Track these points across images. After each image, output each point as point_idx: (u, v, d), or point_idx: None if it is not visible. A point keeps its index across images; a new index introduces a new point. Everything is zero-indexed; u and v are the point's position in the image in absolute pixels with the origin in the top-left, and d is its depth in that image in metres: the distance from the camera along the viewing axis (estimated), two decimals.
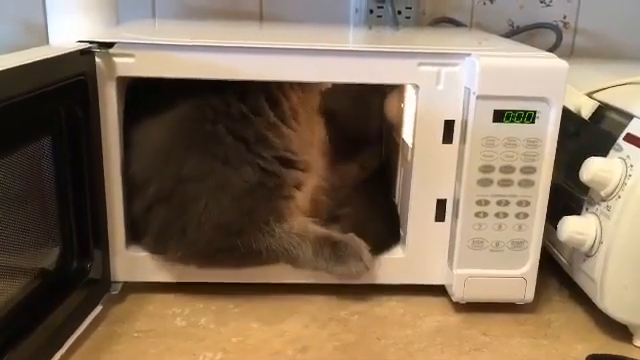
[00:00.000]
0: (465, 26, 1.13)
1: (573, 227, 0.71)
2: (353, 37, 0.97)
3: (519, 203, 0.73)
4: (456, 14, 1.13)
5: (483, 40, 0.90)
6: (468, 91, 0.71)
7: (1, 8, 1.10)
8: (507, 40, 0.97)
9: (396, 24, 1.06)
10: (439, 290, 0.80)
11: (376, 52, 0.72)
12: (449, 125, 0.74)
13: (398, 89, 0.87)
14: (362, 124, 0.94)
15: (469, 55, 0.71)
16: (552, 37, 1.10)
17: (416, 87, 0.73)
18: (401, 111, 0.86)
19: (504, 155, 0.72)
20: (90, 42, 0.69)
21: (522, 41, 1.03)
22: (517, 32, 1.12)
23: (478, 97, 0.69)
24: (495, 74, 0.69)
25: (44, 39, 1.02)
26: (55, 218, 0.68)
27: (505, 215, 0.74)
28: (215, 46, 0.71)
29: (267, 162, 0.73)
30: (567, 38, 1.13)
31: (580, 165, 0.71)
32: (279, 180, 0.74)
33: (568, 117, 0.73)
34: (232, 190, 0.72)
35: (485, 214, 0.74)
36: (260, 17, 1.13)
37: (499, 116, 0.70)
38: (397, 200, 0.87)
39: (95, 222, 0.71)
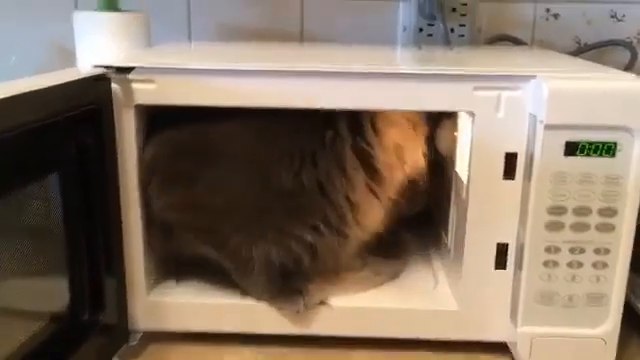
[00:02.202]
0: (526, 44, 1.02)
1: None
2: (400, 58, 0.89)
3: (597, 251, 0.62)
4: (516, 31, 1.03)
5: (548, 59, 0.80)
6: (534, 119, 0.61)
7: (37, 30, 1.06)
8: (576, 59, 0.86)
9: (448, 43, 0.96)
10: (499, 348, 0.69)
11: (424, 75, 0.63)
12: (511, 158, 0.64)
13: (451, 116, 0.78)
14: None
15: (534, 77, 0.61)
16: (625, 56, 0.99)
17: (472, 115, 0.64)
18: (454, 141, 0.76)
19: (578, 194, 0.61)
20: (106, 67, 0.62)
21: (591, 60, 0.92)
22: (585, 50, 1.01)
23: (547, 127, 0.59)
24: (567, 99, 0.59)
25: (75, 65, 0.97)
26: (64, 260, 0.61)
27: (580, 265, 0.63)
28: (242, 70, 0.63)
29: None
30: None
31: None
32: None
33: None
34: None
35: (555, 263, 0.63)
36: (301, 37, 1.06)
37: (572, 149, 0.60)
38: (449, 243, 0.76)
39: (109, 265, 0.64)
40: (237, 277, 0.71)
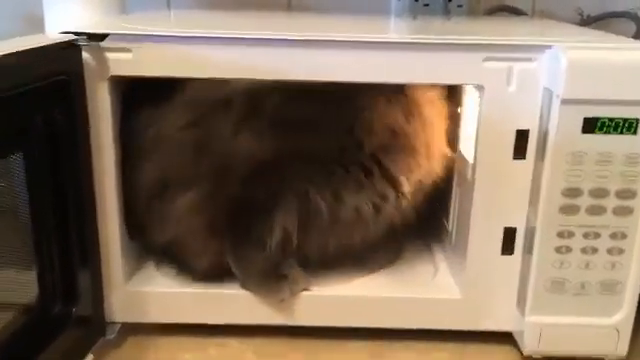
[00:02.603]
0: (526, 15, 0.97)
1: None
2: (395, 28, 0.82)
3: (613, 236, 0.58)
4: (516, 1, 0.97)
5: (557, 29, 0.75)
6: (549, 93, 0.56)
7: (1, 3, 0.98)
8: (588, 29, 0.81)
9: (447, 13, 0.91)
10: (504, 338, 0.65)
11: (427, 44, 0.57)
12: (522, 136, 0.59)
13: (453, 90, 0.72)
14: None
15: (550, 48, 0.56)
16: (630, 27, 0.94)
17: (480, 88, 0.58)
18: (457, 118, 0.71)
19: (595, 175, 0.56)
20: (76, 33, 0.55)
21: None
22: (588, 22, 0.96)
23: (564, 101, 0.54)
24: (586, 71, 0.54)
25: None
26: (31, 247, 0.55)
27: (594, 250, 0.58)
28: (231, 37, 0.57)
29: None
30: None
31: None
32: None
33: None
34: None
35: (569, 249, 0.58)
36: (288, 6, 0.99)
37: (590, 125, 0.55)
38: (451, 227, 0.72)
39: (83, 252, 0.58)
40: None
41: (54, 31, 0.76)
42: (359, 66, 0.58)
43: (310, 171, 0.63)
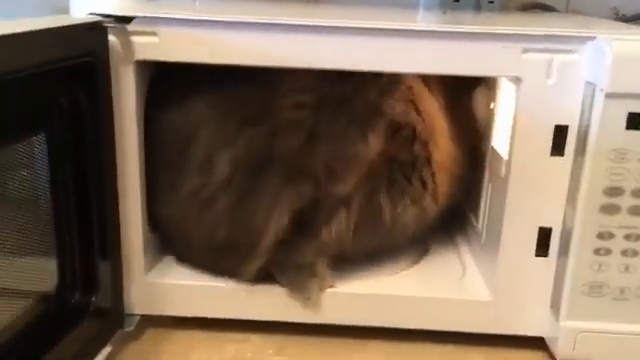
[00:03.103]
0: (558, 12, 0.94)
1: None
2: (427, 20, 0.80)
3: None
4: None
5: (595, 24, 0.72)
6: (592, 87, 0.53)
7: None
8: (628, 25, 0.78)
9: (478, 8, 0.88)
10: (535, 343, 0.62)
11: (463, 33, 0.55)
12: (561, 132, 0.56)
13: (487, 83, 0.70)
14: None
15: (593, 39, 0.53)
16: None
17: (517, 81, 0.56)
18: (490, 112, 0.68)
19: (639, 173, 0.54)
20: (103, 15, 0.54)
21: None
22: (624, 21, 0.93)
23: (608, 95, 0.52)
24: (632, 65, 0.51)
25: None
26: (52, 236, 0.54)
27: (635, 253, 0.56)
28: (260, 24, 0.55)
29: None
30: None
31: None
32: None
33: None
34: None
35: (608, 251, 0.56)
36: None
37: (635, 121, 0.52)
38: (480, 226, 0.69)
39: (103, 242, 0.57)
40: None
41: (77, 13, 0.76)
42: (395, 55, 0.56)
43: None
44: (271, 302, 0.63)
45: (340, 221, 0.60)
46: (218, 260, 0.62)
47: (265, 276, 0.62)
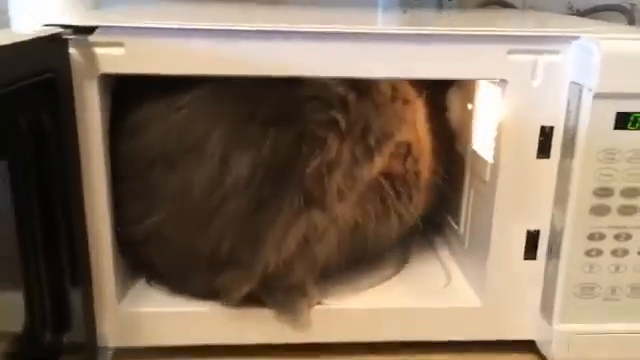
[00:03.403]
0: (517, 8, 0.94)
1: None
2: (391, 22, 0.78)
3: None
4: None
5: (565, 21, 0.72)
6: (578, 88, 0.53)
7: None
8: (600, 22, 0.78)
9: (440, 6, 0.87)
10: (525, 346, 0.62)
11: (449, 35, 0.53)
12: (547, 134, 0.55)
13: (460, 84, 0.68)
14: None
15: (577, 39, 0.53)
16: (620, 21, 0.92)
17: (503, 83, 0.55)
18: (468, 114, 0.67)
19: (627, 173, 0.53)
20: (62, 26, 0.49)
21: None
22: (579, 16, 0.94)
23: (596, 96, 0.51)
24: (621, 64, 0.51)
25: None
26: (18, 270, 0.49)
27: (625, 252, 0.55)
28: (243, 31, 0.51)
29: None
30: None
31: None
32: None
33: None
34: None
35: (599, 252, 0.55)
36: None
37: (623, 121, 0.52)
38: (462, 231, 0.68)
39: (73, 269, 0.52)
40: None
41: (23, 24, 0.70)
42: (372, 60, 0.53)
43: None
44: (255, 325, 0.59)
45: (330, 239, 0.57)
46: (214, 278, 0.56)
47: (248, 297, 0.58)
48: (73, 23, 0.50)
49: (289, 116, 0.53)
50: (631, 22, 0.91)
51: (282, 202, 0.52)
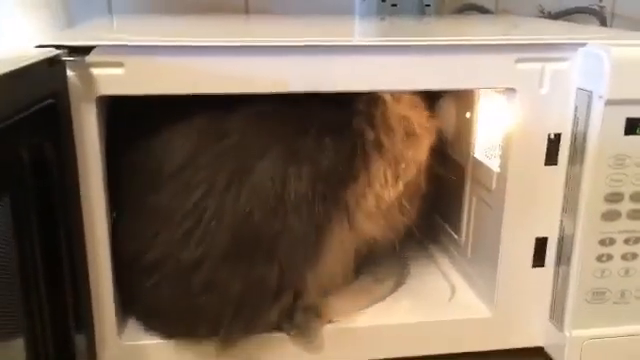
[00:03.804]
0: (492, 13, 0.95)
1: None
2: (375, 30, 0.77)
3: None
4: (480, 0, 0.95)
5: (551, 27, 0.73)
6: (587, 95, 0.53)
7: None
8: (572, 24, 0.79)
9: (422, 12, 0.87)
10: (533, 353, 0.61)
11: (455, 46, 0.53)
12: (554, 141, 0.55)
13: (456, 92, 0.68)
14: None
15: (584, 45, 0.53)
16: (592, 24, 0.94)
17: (510, 92, 0.54)
18: (463, 122, 0.67)
19: (636, 178, 0.54)
20: (58, 47, 0.45)
21: None
22: (551, 18, 0.95)
23: (607, 102, 0.51)
24: (631, 71, 0.51)
25: None
26: (19, 311, 0.45)
27: (634, 256, 0.56)
28: (258, 46, 0.49)
29: None
30: None
31: None
32: None
33: None
34: None
35: (610, 257, 0.56)
36: (246, 9, 0.91)
37: (633, 126, 0.52)
38: (463, 240, 0.67)
39: (77, 310, 0.48)
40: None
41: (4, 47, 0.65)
42: (380, 73, 0.52)
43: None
44: (262, 353, 0.57)
45: (350, 257, 0.56)
46: (270, 308, 0.53)
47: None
48: (69, 43, 0.46)
49: (342, 128, 0.51)
50: (602, 23, 0.93)
51: (332, 221, 0.51)
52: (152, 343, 0.56)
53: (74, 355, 0.49)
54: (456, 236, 0.69)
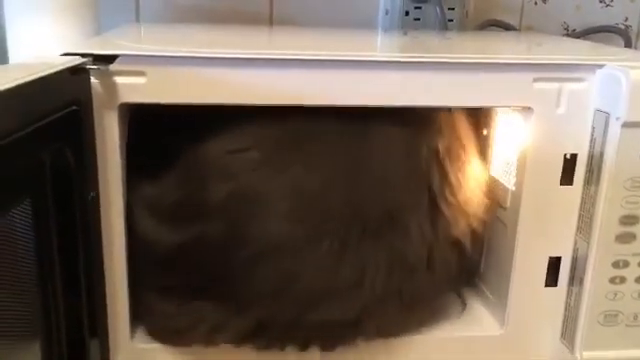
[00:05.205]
0: (517, 30, 0.95)
1: None
2: (399, 46, 0.78)
3: None
4: (503, 16, 0.95)
5: (575, 45, 0.72)
6: (605, 116, 0.53)
7: None
8: (594, 44, 0.79)
9: (444, 28, 0.87)
10: None
11: (474, 64, 0.53)
12: (571, 161, 0.55)
13: (468, 110, 0.68)
14: None
15: (602, 67, 0.53)
16: (616, 43, 0.93)
17: (527, 111, 0.54)
18: (483, 140, 0.67)
19: None
20: (82, 55, 0.47)
21: None
22: (576, 37, 0.95)
23: (625, 124, 0.51)
24: None
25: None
26: (37, 315, 0.46)
27: None
28: (277, 59, 0.50)
29: None
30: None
31: None
32: None
33: None
34: None
35: (623, 279, 0.55)
36: (270, 21, 0.93)
37: None
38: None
39: (91, 305, 0.49)
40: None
41: (22, 53, 0.67)
42: (403, 88, 0.53)
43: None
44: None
45: None
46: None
47: None
48: (93, 52, 0.48)
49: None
50: (627, 43, 0.92)
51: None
52: (164, 347, 0.57)
53: (87, 358, 0.50)
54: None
